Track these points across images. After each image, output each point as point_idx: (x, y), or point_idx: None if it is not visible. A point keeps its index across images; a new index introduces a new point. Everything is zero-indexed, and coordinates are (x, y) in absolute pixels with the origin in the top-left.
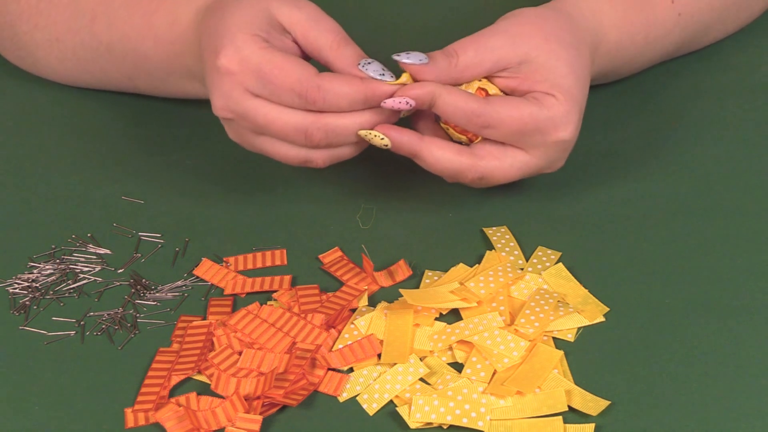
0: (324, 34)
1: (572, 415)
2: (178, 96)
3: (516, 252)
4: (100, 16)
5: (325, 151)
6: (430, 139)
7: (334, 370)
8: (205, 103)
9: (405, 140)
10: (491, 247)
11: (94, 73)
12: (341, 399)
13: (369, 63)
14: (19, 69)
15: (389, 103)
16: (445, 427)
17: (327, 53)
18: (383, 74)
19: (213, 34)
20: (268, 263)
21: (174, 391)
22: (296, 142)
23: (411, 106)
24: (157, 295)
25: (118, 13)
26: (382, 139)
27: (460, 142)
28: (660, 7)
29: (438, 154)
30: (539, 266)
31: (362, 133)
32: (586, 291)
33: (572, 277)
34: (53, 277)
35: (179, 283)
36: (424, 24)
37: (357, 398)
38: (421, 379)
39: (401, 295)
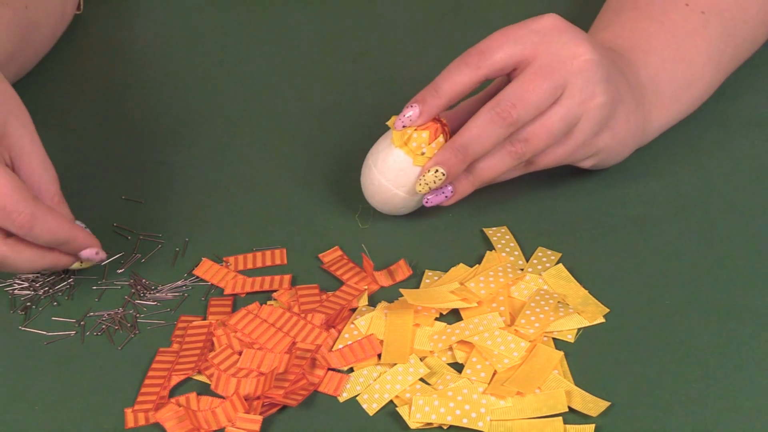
0: (47, 186)
1: (572, 415)
2: None
3: (516, 252)
4: None
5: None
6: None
7: (334, 370)
8: (205, 103)
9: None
10: (491, 247)
11: None
12: (341, 399)
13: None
14: None
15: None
16: (445, 428)
17: (46, 201)
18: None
19: None
20: (268, 263)
21: (174, 391)
22: None
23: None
24: (157, 295)
25: None
26: (437, 171)
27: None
28: (675, 11)
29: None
30: (539, 267)
31: (420, 186)
32: (586, 292)
33: (572, 278)
34: (53, 277)
35: (179, 283)
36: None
37: (357, 398)
38: (421, 380)
39: (401, 295)
